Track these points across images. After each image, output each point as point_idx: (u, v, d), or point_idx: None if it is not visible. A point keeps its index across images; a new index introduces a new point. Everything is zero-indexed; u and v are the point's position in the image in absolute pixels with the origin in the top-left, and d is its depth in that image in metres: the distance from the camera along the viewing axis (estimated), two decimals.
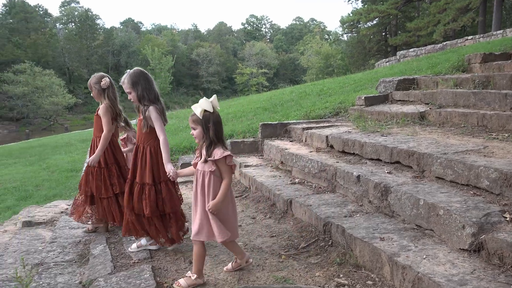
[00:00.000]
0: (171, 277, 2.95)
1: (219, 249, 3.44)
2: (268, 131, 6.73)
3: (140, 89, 3.21)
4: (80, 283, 3.04)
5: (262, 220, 4.16)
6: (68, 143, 16.19)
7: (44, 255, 3.64)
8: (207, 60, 66.97)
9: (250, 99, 16.05)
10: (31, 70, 40.67)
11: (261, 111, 10.40)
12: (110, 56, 60.71)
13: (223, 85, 70.21)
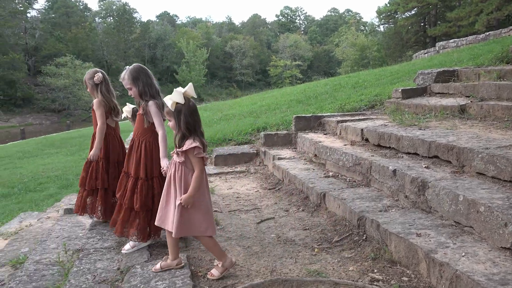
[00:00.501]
0: (205, 266, 3.00)
1: (252, 241, 3.46)
2: (301, 124, 6.69)
3: (141, 85, 3.22)
4: (118, 269, 3.14)
5: (295, 212, 4.16)
6: None
7: (84, 241, 3.78)
8: (241, 52, 67.12)
9: (284, 91, 15.99)
10: (72, 63, 42.09)
11: (295, 104, 10.35)
12: (147, 49, 61.87)
13: (256, 77, 70.24)
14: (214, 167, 6.46)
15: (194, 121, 2.68)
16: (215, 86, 64.74)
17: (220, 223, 3.94)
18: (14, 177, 9.54)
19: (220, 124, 9.47)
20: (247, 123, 8.58)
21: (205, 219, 2.74)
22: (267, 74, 68.03)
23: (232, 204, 4.61)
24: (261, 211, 4.30)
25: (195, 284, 2.71)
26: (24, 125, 34.00)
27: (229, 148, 7.09)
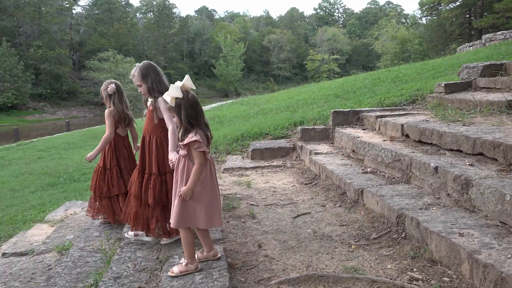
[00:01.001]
0: (241, 259, 3.03)
1: (288, 235, 3.47)
2: (339, 119, 6.60)
3: (150, 81, 3.27)
4: (157, 259, 3.23)
5: (332, 208, 4.12)
6: None
7: (126, 230, 3.90)
8: (278, 46, 66.88)
9: (321, 85, 15.82)
10: (114, 58, 43.34)
11: (332, 98, 10.22)
12: (185, 44, 62.81)
13: (293, 71, 69.85)
14: (251, 161, 6.49)
15: (195, 113, 2.67)
16: (252, 80, 64.91)
17: (257, 216, 3.97)
18: (60, 167, 9.98)
19: (257, 118, 9.50)
20: (284, 117, 8.56)
21: (205, 211, 2.74)
22: (304, 68, 67.49)
23: (269, 198, 4.63)
24: (297, 205, 4.29)
25: (231, 276, 2.74)
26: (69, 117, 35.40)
27: (265, 142, 7.10)
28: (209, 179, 2.78)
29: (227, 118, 10.64)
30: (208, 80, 61.06)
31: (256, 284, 2.67)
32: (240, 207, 4.28)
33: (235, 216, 4.00)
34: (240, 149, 7.21)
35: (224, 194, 4.77)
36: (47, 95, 40.56)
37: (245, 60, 60.36)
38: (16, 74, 36.22)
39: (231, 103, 17.55)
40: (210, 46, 62.31)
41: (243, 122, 9.32)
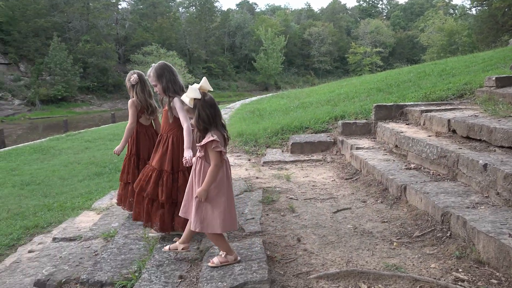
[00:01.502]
0: (280, 252, 3.04)
1: (328, 230, 3.44)
2: (382, 113, 6.45)
3: (165, 81, 3.31)
4: (198, 249, 3.30)
5: (373, 204, 4.04)
6: None
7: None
8: (319, 39, 66.03)
9: (363, 79, 15.49)
10: (157, 51, 44.35)
11: (375, 92, 9.98)
12: (226, 37, 63.25)
13: (334, 65, 68.80)
14: (291, 155, 6.47)
15: (212, 114, 2.67)
16: (292, 74, 64.53)
17: (296, 210, 3.96)
18: (106, 158, 10.36)
19: (297, 112, 9.44)
20: (325, 111, 8.46)
21: (220, 215, 2.70)
22: (346, 62, 66.33)
23: (308, 192, 4.60)
24: (337, 200, 4.24)
25: (270, 268, 2.76)
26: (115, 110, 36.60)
27: (305, 136, 7.05)
28: (225, 181, 2.75)
29: (267, 112, 10.64)
30: (248, 73, 61.28)
31: (295, 277, 2.67)
32: (280, 201, 4.28)
33: (274, 209, 4.01)
34: (279, 142, 7.20)
35: (264, 187, 4.79)
36: (94, 88, 42.13)
37: (286, 53, 60.03)
38: (66, 67, 37.84)
39: (271, 96, 17.51)
40: (251, 39, 62.41)
41: (283, 116, 9.29)
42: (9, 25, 39.08)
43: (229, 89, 54.55)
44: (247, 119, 10.10)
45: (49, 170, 9.49)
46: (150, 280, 2.83)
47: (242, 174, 5.59)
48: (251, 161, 6.43)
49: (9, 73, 37.43)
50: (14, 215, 6.32)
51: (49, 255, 4.27)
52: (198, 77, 49.22)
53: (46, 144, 13.75)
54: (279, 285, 2.57)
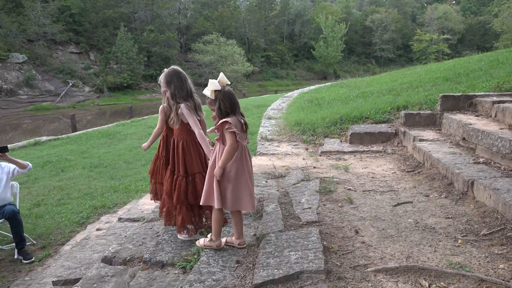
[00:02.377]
0: (337, 243, 3.01)
1: (387, 223, 3.34)
2: (449, 104, 6.12)
3: (173, 87, 3.38)
4: (254, 235, 3.34)
5: (437, 199, 3.87)
6: (245, 108, 17.57)
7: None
8: (382, 26, 63.58)
9: (428, 68, 14.73)
10: (217, 40, 45.03)
11: (441, 81, 9.47)
12: (285, 26, 62.75)
13: (397, 53, 66.05)
14: (349, 145, 6.34)
15: (231, 104, 2.88)
16: (352, 62, 62.85)
17: (354, 201, 3.89)
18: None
19: (356, 102, 9.20)
20: (386, 101, 8.18)
21: (235, 193, 2.88)
22: (410, 50, 63.40)
23: (367, 184, 4.49)
24: (397, 193, 4.10)
25: (326, 259, 2.74)
26: None
27: (365, 126, 6.87)
28: (239, 163, 2.89)
29: (326, 101, 10.46)
30: (306, 62, 60.51)
31: (352, 269, 2.64)
32: (337, 191, 4.22)
33: (332, 200, 3.97)
34: (338, 132, 7.07)
35: (321, 177, 4.75)
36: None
37: (346, 41, 58.48)
38: (131, 56, 39.51)
39: (330, 85, 17.17)
40: (310, 27, 61.42)
41: (342, 105, 9.10)
42: (81, 16, 41.43)
43: (287, 78, 54.26)
44: (305, 108, 10.00)
45: (115, 154, 10.02)
46: (208, 263, 2.91)
47: (299, 163, 5.57)
48: (308, 150, 6.38)
49: (80, 62, 39.77)
50: (84, 195, 6.77)
51: (115, 233, 4.53)
52: (256, 65, 49.45)
53: (112, 129, 14.52)
54: (335, 276, 2.55)
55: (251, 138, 10.00)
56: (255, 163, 5.78)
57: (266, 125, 8.71)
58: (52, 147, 12.02)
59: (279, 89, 38.02)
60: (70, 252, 4.71)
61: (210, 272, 2.79)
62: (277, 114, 10.19)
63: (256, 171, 5.36)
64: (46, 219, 5.86)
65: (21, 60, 34.24)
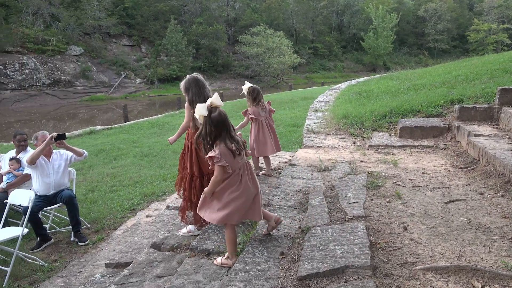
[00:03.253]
0: (384, 239, 2.94)
1: (438, 221, 3.23)
2: (508, 97, 5.79)
3: (191, 94, 3.54)
4: (299, 228, 3.34)
5: (492, 197, 3.68)
6: (291, 100, 17.50)
7: (271, 198, 4.11)
8: (435, 16, 60.83)
9: (486, 59, 13.96)
10: (265, 32, 44.94)
11: (500, 74, 8.96)
12: (334, 16, 61.54)
13: (452, 44, 63.03)
14: (399, 139, 6.16)
15: (218, 130, 2.85)
16: (403, 54, 60.70)
17: (403, 197, 3.78)
18: None
19: (407, 94, 8.90)
20: (439, 94, 7.85)
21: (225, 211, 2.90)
22: (466, 40, 60.30)
23: (417, 179, 4.35)
24: (449, 190, 3.94)
25: (373, 254, 2.69)
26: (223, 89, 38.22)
27: (416, 120, 6.64)
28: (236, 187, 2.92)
29: (375, 94, 10.20)
30: (355, 53, 59.13)
31: (399, 266, 2.57)
32: (385, 186, 4.12)
33: (379, 195, 3.88)
34: (387, 126, 6.89)
35: (368, 171, 4.65)
36: (205, 68, 44.33)
37: (397, 32, 56.48)
38: (180, 49, 40.34)
39: (379, 77, 16.72)
40: (360, 18, 59.85)
41: (391, 98, 8.84)
42: (133, 9, 42.77)
43: (334, 70, 53.33)
44: (353, 100, 9.81)
45: (164, 144, 10.31)
46: (253, 254, 2.95)
47: (346, 157, 5.49)
48: (356, 144, 6.26)
49: (132, 54, 41.11)
50: (134, 183, 7.03)
51: (163, 221, 4.68)
52: (303, 57, 48.97)
53: (162, 119, 14.94)
54: (382, 272, 2.50)
55: (297, 130, 9.97)
56: (301, 156, 5.76)
57: (313, 118, 8.64)
58: (105, 136, 12.57)
59: (326, 81, 37.51)
60: (121, 236, 4.92)
61: (255, 262, 2.83)
62: (324, 107, 10.07)
63: (302, 164, 5.34)
64: (100, 205, 6.15)
65: (78, 53, 35.90)
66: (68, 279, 3.90)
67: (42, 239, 4.97)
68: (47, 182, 5.15)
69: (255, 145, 4.80)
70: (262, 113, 4.76)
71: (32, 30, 33.15)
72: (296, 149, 6.92)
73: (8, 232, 4.54)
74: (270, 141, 4.83)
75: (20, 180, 5.47)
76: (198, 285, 2.79)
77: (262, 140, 4.77)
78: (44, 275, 4.14)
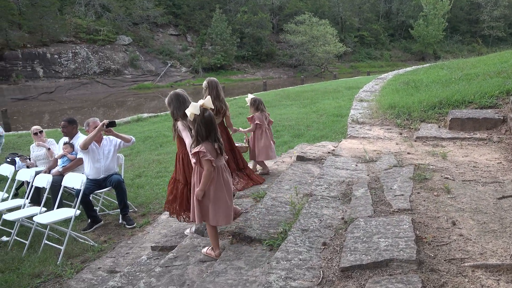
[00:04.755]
0: (431, 233, 2.85)
1: (489, 217, 3.09)
2: None
3: (172, 107, 3.80)
4: (342, 219, 3.30)
5: None
6: (336, 89, 17.22)
7: (313, 188, 4.09)
8: (492, 2, 57.46)
9: None
10: (310, 20, 44.25)
11: None
12: (382, 3, 59.57)
13: (509, 31, 59.35)
14: (448, 131, 5.92)
15: (208, 129, 3.09)
16: (455, 42, 57.91)
17: (452, 191, 3.64)
18: None
19: (459, 85, 8.50)
20: (494, 84, 7.44)
21: (213, 210, 3.14)
22: None
23: (467, 173, 4.17)
24: (503, 186, 3.75)
25: (419, 249, 2.61)
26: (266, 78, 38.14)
27: (468, 111, 6.34)
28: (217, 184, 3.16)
29: (424, 83, 9.82)
30: (403, 42, 57.07)
31: (446, 262, 2.49)
32: (433, 179, 3.98)
33: (427, 188, 3.75)
34: (436, 117, 6.63)
35: (415, 164, 4.51)
36: (249, 57, 44.41)
37: (449, 19, 53.84)
38: (225, 38, 40.59)
39: (428, 67, 16.04)
40: (409, 4, 57.56)
41: (442, 88, 8.48)
42: None
43: (381, 59, 51.80)
44: (400, 90, 9.50)
45: None
46: (295, 243, 2.95)
47: (392, 148, 5.35)
48: (402, 135, 6.08)
49: (178, 43, 41.85)
50: None
51: None
52: (348, 46, 47.89)
53: None
54: (428, 267, 2.43)
55: (341, 120, 9.82)
56: (345, 146, 5.67)
57: (358, 108, 8.46)
58: (152, 124, 12.94)
59: (372, 71, 36.52)
60: (166, 221, 5.08)
61: (297, 252, 2.83)
62: (370, 97, 9.83)
63: (346, 154, 5.26)
64: (146, 190, 6.36)
65: (127, 42, 36.98)
66: (116, 259, 4.08)
67: (93, 220, 5.22)
68: (97, 166, 5.38)
69: (256, 149, 5.14)
70: (265, 121, 5.14)
71: (84, 21, 34.48)
72: (339, 139, 6.82)
73: (62, 213, 4.80)
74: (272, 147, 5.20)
75: (74, 164, 5.75)
76: (240, 271, 2.83)
77: (264, 146, 5.10)
78: (95, 254, 4.36)
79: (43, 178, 5.27)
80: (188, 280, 2.97)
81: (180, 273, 3.08)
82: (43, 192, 5.48)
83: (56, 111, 24.08)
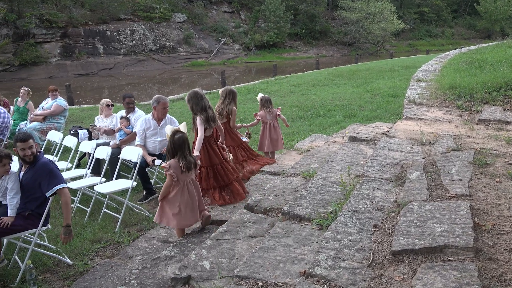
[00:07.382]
0: (491, 221, 2.72)
1: None
2: None
3: (191, 103, 4.59)
4: (395, 202, 3.22)
5: None
6: (392, 69, 16.59)
7: (365, 169, 4.01)
8: None
9: None
10: None
11: None
12: None
13: None
14: None
15: (175, 149, 3.76)
16: None
17: None
18: (308, 102, 10.84)
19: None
20: None
21: (174, 216, 3.76)
22: None
23: None
24: None
25: (477, 236, 2.50)
26: (319, 56, 37.44)
27: None
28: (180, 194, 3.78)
29: (489, 63, 9.21)
30: (467, 18, 53.57)
31: (507, 252, 2.37)
32: (495, 165, 3.77)
33: (488, 174, 3.56)
34: (502, 99, 6.23)
35: (476, 148, 4.28)
36: (302, 34, 43.61)
37: None
38: (278, 15, 40.04)
39: (495, 45, 15.01)
40: None
41: (509, 68, 7.91)
42: None
43: (442, 37, 49.03)
44: (462, 70, 8.97)
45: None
46: (346, 224, 2.93)
47: (450, 131, 5.11)
48: (463, 117, 5.78)
49: (231, 21, 41.86)
50: None
51: (256, 184, 4.84)
52: (407, 23, 45.65)
53: (257, 86, 15.17)
54: (485, 256, 2.33)
55: (396, 101, 9.50)
56: (400, 127, 5.49)
57: (415, 88, 8.11)
58: None
59: (431, 49, 34.77)
60: None
61: (347, 233, 2.81)
62: (428, 77, 9.38)
63: (401, 136, 5.09)
64: None
65: (181, 20, 37.51)
66: (169, 230, 4.24)
67: (148, 192, 5.44)
68: (154, 143, 5.56)
69: (262, 141, 5.90)
70: (269, 117, 5.86)
71: None
72: (394, 121, 6.60)
73: (120, 184, 5.04)
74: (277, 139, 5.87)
75: (130, 137, 5.99)
76: (289, 249, 2.86)
77: (268, 139, 5.82)
78: (149, 224, 4.56)
79: (103, 150, 5.54)
80: (237, 254, 3.04)
81: (230, 247, 3.15)
82: (103, 163, 5.77)
83: (115, 87, 25.08)
